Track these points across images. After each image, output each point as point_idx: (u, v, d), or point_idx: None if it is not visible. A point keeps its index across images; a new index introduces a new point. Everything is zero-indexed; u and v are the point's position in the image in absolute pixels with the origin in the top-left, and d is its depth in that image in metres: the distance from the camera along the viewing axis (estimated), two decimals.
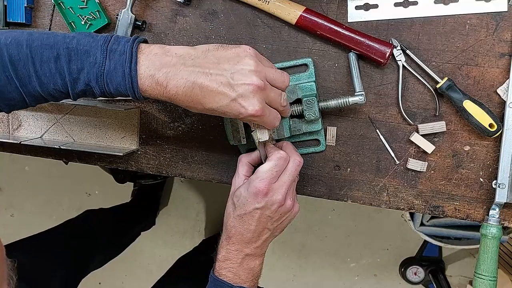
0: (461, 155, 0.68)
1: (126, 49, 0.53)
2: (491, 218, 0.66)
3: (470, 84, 0.66)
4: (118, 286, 1.81)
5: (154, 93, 0.54)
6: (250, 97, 0.53)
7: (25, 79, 0.54)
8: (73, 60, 0.53)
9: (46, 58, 0.53)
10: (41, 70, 0.53)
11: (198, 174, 0.76)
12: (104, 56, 0.53)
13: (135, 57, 0.53)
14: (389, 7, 0.67)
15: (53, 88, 0.54)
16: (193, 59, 0.54)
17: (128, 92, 0.54)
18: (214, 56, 0.54)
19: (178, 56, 0.54)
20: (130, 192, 1.69)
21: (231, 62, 0.54)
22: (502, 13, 0.64)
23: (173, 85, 0.52)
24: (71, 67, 0.53)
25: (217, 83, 0.52)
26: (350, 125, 0.70)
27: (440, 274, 1.55)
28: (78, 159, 0.79)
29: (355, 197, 0.72)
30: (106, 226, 1.35)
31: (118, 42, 0.54)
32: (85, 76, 0.53)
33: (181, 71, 0.52)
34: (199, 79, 0.52)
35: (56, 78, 0.54)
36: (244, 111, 0.53)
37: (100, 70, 0.53)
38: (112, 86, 0.54)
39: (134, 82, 0.53)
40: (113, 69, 0.53)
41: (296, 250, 1.72)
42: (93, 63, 0.53)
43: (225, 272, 0.63)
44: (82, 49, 0.53)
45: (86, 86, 0.54)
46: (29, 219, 1.85)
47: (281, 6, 0.67)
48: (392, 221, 1.65)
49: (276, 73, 0.57)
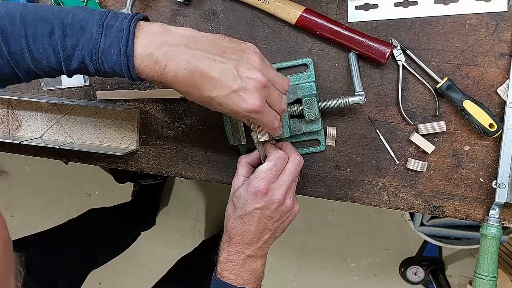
0: (461, 155, 0.68)
1: (123, 25, 0.50)
2: (491, 218, 0.66)
3: (470, 84, 0.66)
4: (118, 286, 1.81)
5: (151, 74, 0.50)
6: (253, 91, 0.51)
7: (17, 55, 0.51)
8: (68, 36, 0.50)
9: (40, 32, 0.50)
10: (34, 46, 0.50)
11: (198, 174, 0.76)
12: (100, 32, 0.49)
13: (132, 34, 0.49)
14: (389, 7, 0.67)
15: (46, 64, 0.52)
16: (197, 42, 0.51)
17: (123, 72, 0.51)
18: (219, 44, 0.52)
19: (181, 36, 0.51)
20: (130, 192, 1.69)
21: (237, 53, 0.52)
22: (502, 13, 0.64)
23: (173, 66, 0.49)
24: (65, 44, 0.50)
25: (220, 71, 0.50)
26: (350, 125, 0.70)
27: (440, 274, 1.55)
28: (78, 159, 0.79)
29: (355, 197, 0.72)
30: (108, 225, 1.35)
31: (116, 18, 0.50)
32: (79, 53, 0.50)
33: (183, 52, 0.50)
34: (202, 63, 0.50)
35: (50, 54, 0.51)
36: (245, 104, 0.51)
37: (95, 47, 0.50)
38: (107, 64, 0.51)
39: (130, 61, 0.50)
40: (109, 46, 0.49)
41: (296, 250, 1.72)
42: (88, 39, 0.50)
43: (228, 274, 0.63)
44: (78, 25, 0.50)
45: (80, 64, 0.51)
46: (29, 219, 1.85)
47: (281, 6, 0.67)
48: (392, 221, 1.65)
49: (278, 76, 0.56)
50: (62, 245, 1.07)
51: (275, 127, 0.57)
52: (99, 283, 1.81)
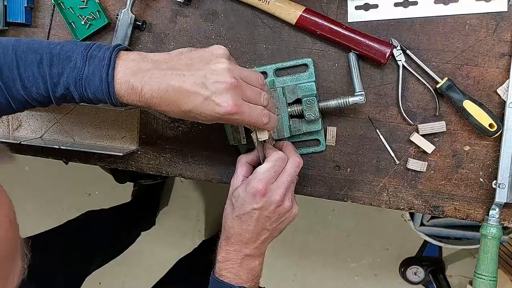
0: (461, 155, 0.68)
1: (105, 55, 0.54)
2: (491, 218, 0.66)
3: (470, 84, 0.66)
4: (118, 286, 1.81)
5: (131, 99, 0.54)
6: (224, 93, 0.53)
7: (10, 83, 0.55)
8: (55, 65, 0.54)
9: (30, 61, 0.54)
10: (24, 74, 0.54)
11: (198, 174, 0.76)
12: (83, 61, 0.54)
13: (113, 62, 0.53)
14: (389, 7, 0.67)
15: (36, 92, 0.55)
16: (167, 62, 0.54)
17: (105, 98, 0.54)
18: (187, 58, 0.55)
19: (154, 61, 0.54)
20: (130, 192, 1.69)
21: (204, 62, 0.54)
22: (502, 13, 0.64)
23: (148, 89, 0.53)
24: (52, 71, 0.54)
25: (190, 83, 0.53)
26: (350, 125, 0.70)
27: (440, 274, 1.55)
28: (78, 159, 0.79)
29: (355, 197, 0.72)
30: (107, 226, 1.35)
31: (99, 49, 0.55)
32: (64, 80, 0.54)
33: (155, 74, 0.53)
34: (173, 81, 0.53)
35: (39, 82, 0.55)
36: (219, 108, 0.53)
37: (79, 74, 0.54)
38: (90, 91, 0.54)
39: (111, 87, 0.53)
40: (91, 74, 0.54)
41: (296, 250, 1.72)
42: (73, 67, 0.54)
43: (226, 273, 0.63)
44: (65, 55, 0.54)
45: (65, 91, 0.55)
46: (29, 219, 1.85)
47: (281, 6, 0.67)
48: (392, 221, 1.65)
49: (249, 72, 0.57)
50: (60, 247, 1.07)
51: (265, 122, 0.57)
52: (99, 283, 1.81)
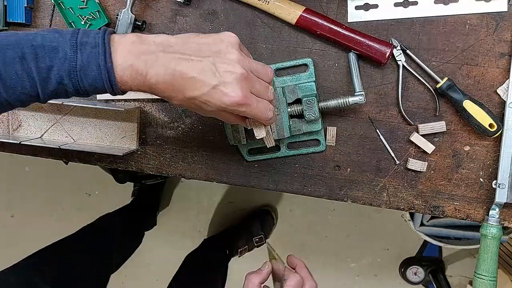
0: (461, 155, 0.68)
1: (97, 41, 0.49)
2: (491, 218, 0.66)
3: (470, 84, 0.66)
4: (118, 286, 1.81)
5: (135, 84, 0.51)
6: (234, 84, 0.51)
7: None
8: (40, 58, 0.48)
9: (10, 58, 0.48)
10: (5, 73, 0.48)
11: (198, 174, 0.76)
12: (74, 50, 0.49)
13: (108, 48, 0.49)
14: (389, 7, 0.67)
15: (21, 91, 0.50)
16: (172, 46, 0.51)
17: (104, 86, 0.50)
18: (195, 43, 0.52)
19: (157, 43, 0.51)
20: (130, 192, 1.69)
21: (213, 48, 0.52)
22: (502, 13, 0.64)
23: (153, 73, 0.50)
24: (39, 66, 0.49)
25: (198, 69, 0.50)
26: (350, 125, 0.70)
27: (440, 274, 1.55)
28: (78, 159, 0.79)
29: (355, 197, 0.72)
30: (118, 229, 1.36)
31: (88, 35, 0.50)
32: (55, 74, 0.49)
33: (160, 58, 0.50)
34: (179, 66, 0.50)
35: (24, 79, 0.49)
36: (227, 98, 0.51)
37: (72, 65, 0.49)
38: (87, 81, 0.50)
39: (111, 74, 0.49)
40: (86, 63, 0.49)
41: (296, 250, 1.72)
42: (63, 59, 0.49)
43: None
44: (49, 46, 0.49)
45: (58, 85, 0.50)
46: (29, 219, 1.85)
47: (281, 6, 0.67)
48: (392, 221, 1.65)
49: (259, 65, 0.56)
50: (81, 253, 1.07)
51: (270, 117, 0.56)
52: None
